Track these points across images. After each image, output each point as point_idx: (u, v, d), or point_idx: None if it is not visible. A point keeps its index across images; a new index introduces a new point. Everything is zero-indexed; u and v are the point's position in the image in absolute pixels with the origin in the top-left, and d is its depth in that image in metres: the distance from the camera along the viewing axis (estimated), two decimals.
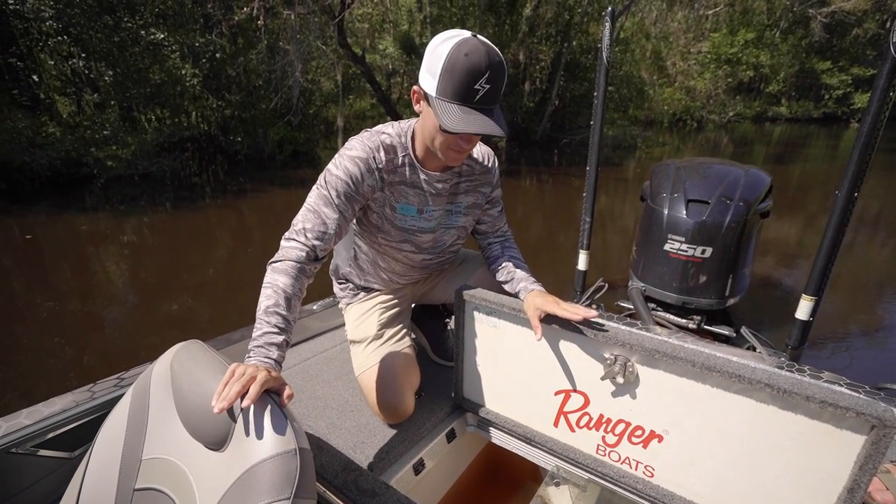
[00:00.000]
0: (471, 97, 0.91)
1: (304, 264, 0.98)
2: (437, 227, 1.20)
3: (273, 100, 9.66)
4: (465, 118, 0.90)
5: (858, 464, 0.75)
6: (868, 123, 1.35)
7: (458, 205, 1.20)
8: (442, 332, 1.55)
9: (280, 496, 0.61)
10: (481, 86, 0.90)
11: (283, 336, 0.88)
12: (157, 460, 0.77)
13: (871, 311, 3.68)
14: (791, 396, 0.77)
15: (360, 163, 1.04)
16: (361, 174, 1.04)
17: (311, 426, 1.17)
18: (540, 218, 6.29)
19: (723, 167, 2.22)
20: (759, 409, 0.83)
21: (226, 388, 0.71)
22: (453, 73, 0.89)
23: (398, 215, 1.14)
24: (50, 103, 8.01)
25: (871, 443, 0.73)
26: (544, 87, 13.00)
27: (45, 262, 4.32)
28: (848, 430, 0.75)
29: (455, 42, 0.89)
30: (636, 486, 1.02)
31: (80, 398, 1.01)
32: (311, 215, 1.02)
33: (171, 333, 3.07)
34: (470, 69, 0.88)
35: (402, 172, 1.10)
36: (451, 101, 0.91)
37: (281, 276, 0.94)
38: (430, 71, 0.92)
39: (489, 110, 0.93)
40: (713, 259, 1.95)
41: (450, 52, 0.89)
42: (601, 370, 0.99)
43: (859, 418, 0.72)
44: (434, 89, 0.92)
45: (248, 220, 6.05)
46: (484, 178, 1.22)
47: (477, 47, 0.89)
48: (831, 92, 23.79)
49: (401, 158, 1.09)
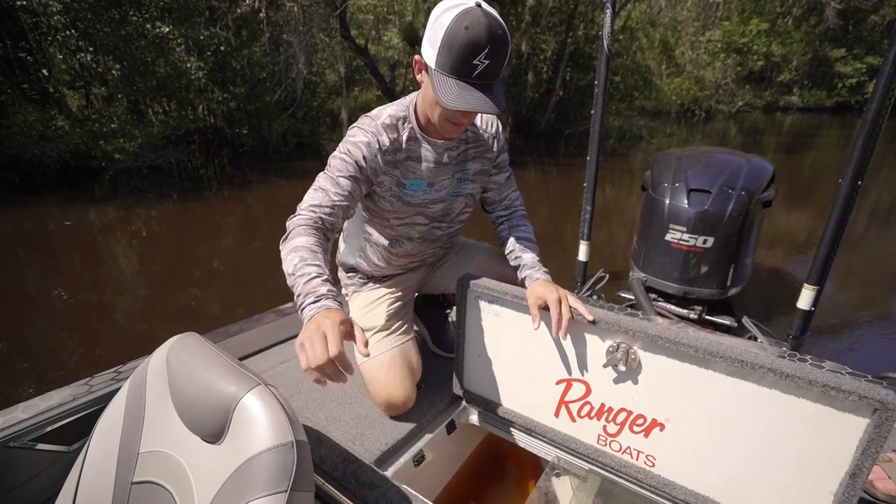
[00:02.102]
0: (469, 72, 0.88)
1: (316, 227, 0.96)
2: (447, 196, 1.20)
3: (277, 92, 9.65)
4: (462, 95, 0.89)
5: (861, 448, 0.75)
6: (873, 110, 1.32)
7: (467, 171, 1.20)
8: (442, 323, 1.55)
9: (276, 489, 0.61)
10: (480, 61, 0.87)
11: (323, 276, 0.85)
12: (155, 453, 0.77)
13: (873, 302, 3.65)
14: (794, 381, 0.77)
15: (363, 146, 1.04)
16: (364, 156, 1.04)
17: (310, 418, 1.18)
18: (545, 209, 6.26)
19: (725, 156, 2.19)
20: (762, 395, 0.83)
21: (310, 357, 0.72)
22: (452, 47, 0.86)
23: (408, 192, 1.13)
24: (59, 97, 8.07)
25: (874, 426, 0.72)
26: (548, 78, 12.86)
27: (56, 253, 4.37)
28: (850, 413, 0.75)
29: (457, 12, 0.86)
30: (637, 476, 1.02)
31: (77, 392, 1.02)
32: (315, 193, 1.02)
33: (178, 325, 3.11)
34: (469, 44, 0.85)
35: (408, 148, 1.09)
36: (448, 74, 0.89)
37: (295, 239, 0.91)
38: (431, 41, 0.90)
39: (488, 86, 0.90)
40: (715, 249, 1.93)
41: (451, 23, 0.85)
42: (603, 358, 0.99)
43: (862, 402, 0.72)
44: (433, 61, 0.90)
45: (253, 211, 6.08)
46: (488, 144, 1.21)
47: (478, 20, 0.85)
48: (845, 80, 23.28)
49: (405, 134, 1.08)
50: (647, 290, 2.15)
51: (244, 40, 9.27)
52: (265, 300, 1.79)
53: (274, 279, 3.69)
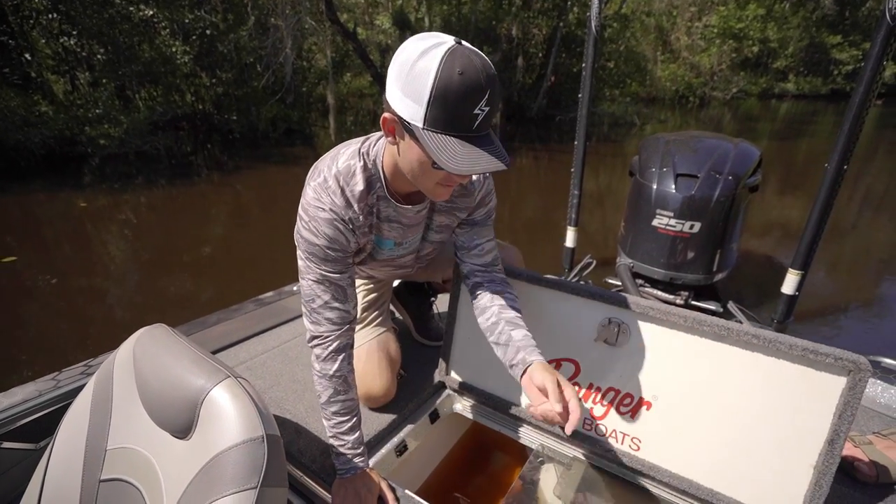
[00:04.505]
0: (469, 126, 0.73)
1: (346, 350, 0.97)
2: (415, 248, 1.12)
3: (265, 77, 9.50)
4: (469, 155, 0.73)
5: (838, 413, 0.79)
6: (860, 93, 1.32)
7: (432, 222, 1.07)
8: (427, 311, 1.53)
9: (246, 485, 0.60)
10: (481, 109, 0.72)
11: (356, 433, 0.95)
12: (123, 450, 0.75)
13: (857, 289, 3.69)
14: (775, 345, 0.82)
15: (339, 224, 0.90)
16: (343, 233, 0.92)
17: (289, 410, 1.16)
18: (535, 195, 6.25)
19: (713, 141, 2.18)
20: (746, 363, 0.87)
21: None
22: (447, 99, 0.70)
23: (377, 248, 1.05)
24: (42, 82, 7.90)
25: (849, 389, 0.78)
26: (540, 63, 12.74)
27: (47, 240, 4.31)
28: (828, 373, 0.80)
29: (441, 56, 0.69)
30: (622, 461, 1.03)
31: (43, 387, 0.99)
32: (320, 303, 0.93)
33: (166, 312, 3.08)
34: (468, 91, 0.70)
35: (377, 211, 0.97)
36: (446, 133, 0.73)
37: (331, 381, 0.95)
38: (412, 95, 0.72)
39: (487, 136, 0.77)
40: (701, 234, 1.94)
41: (439, 70, 0.69)
42: (594, 332, 1.01)
43: (837, 363, 0.78)
44: (421, 119, 0.72)
45: (243, 197, 6.02)
46: (462, 202, 1.03)
47: (470, 61, 0.70)
48: (840, 67, 23.30)
49: (375, 197, 0.95)
50: (635, 276, 2.15)
51: (230, 24, 9.08)
52: (257, 288, 1.76)
53: (263, 267, 3.67)
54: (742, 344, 0.86)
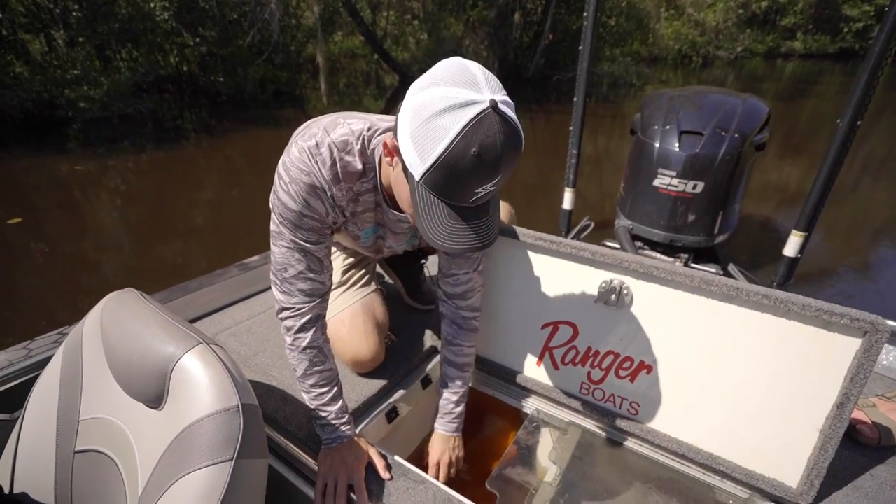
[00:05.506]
0: (467, 199, 0.67)
1: (319, 321, 0.94)
2: (399, 247, 1.12)
3: (250, 35, 9.10)
4: (453, 230, 0.68)
5: (850, 376, 0.75)
6: (881, 41, 1.24)
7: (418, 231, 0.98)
8: (417, 274, 1.48)
9: (220, 457, 0.57)
10: (485, 189, 0.66)
11: (339, 402, 0.94)
12: (96, 420, 0.72)
13: (857, 252, 3.66)
14: (787, 306, 0.77)
15: (321, 193, 0.84)
16: (324, 203, 0.85)
17: (275, 377, 1.13)
18: (533, 157, 6.13)
19: (719, 96, 2.08)
20: (754, 324, 0.82)
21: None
22: (453, 173, 0.63)
23: (360, 235, 1.01)
24: (15, 41, 7.53)
25: (864, 350, 0.73)
26: (538, 20, 12.24)
27: (36, 206, 4.22)
28: (842, 335, 0.75)
29: (464, 123, 0.60)
30: (619, 426, 1.02)
31: (14, 356, 0.96)
32: (293, 273, 0.88)
33: (161, 277, 3.03)
34: (477, 173, 0.63)
35: (364, 200, 0.91)
36: (440, 198, 0.67)
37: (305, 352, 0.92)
38: (420, 148, 0.64)
39: (485, 206, 0.70)
40: (704, 194, 1.87)
41: (455, 140, 0.61)
42: (595, 293, 0.97)
43: (853, 324, 0.73)
44: (419, 173, 0.65)
45: (234, 162, 5.89)
46: None
47: (493, 139, 0.61)
48: (851, 25, 22.53)
49: (365, 185, 0.89)
50: (633, 238, 2.10)
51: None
52: (248, 252, 1.70)
53: (259, 231, 3.60)
54: (751, 305, 0.81)
